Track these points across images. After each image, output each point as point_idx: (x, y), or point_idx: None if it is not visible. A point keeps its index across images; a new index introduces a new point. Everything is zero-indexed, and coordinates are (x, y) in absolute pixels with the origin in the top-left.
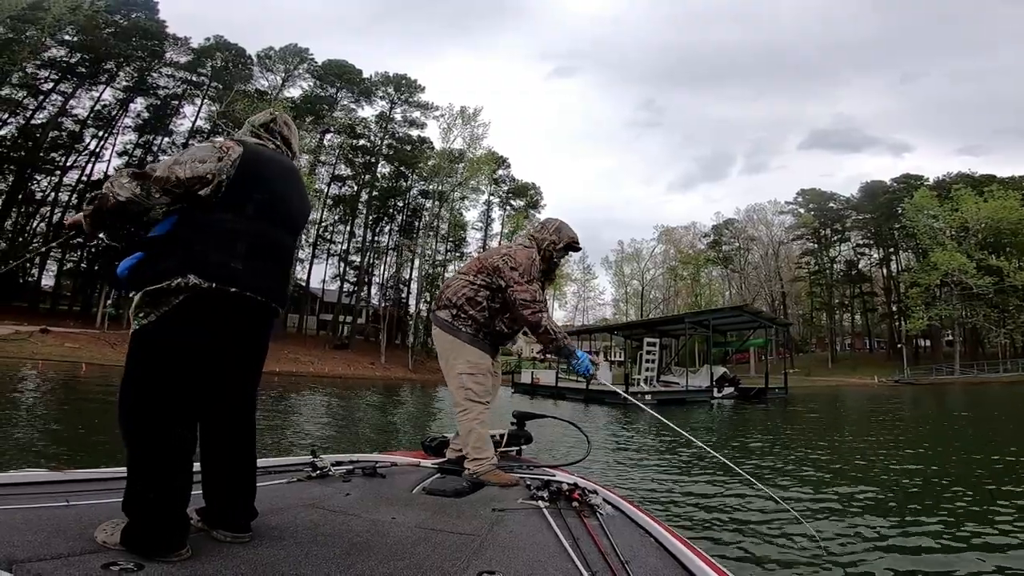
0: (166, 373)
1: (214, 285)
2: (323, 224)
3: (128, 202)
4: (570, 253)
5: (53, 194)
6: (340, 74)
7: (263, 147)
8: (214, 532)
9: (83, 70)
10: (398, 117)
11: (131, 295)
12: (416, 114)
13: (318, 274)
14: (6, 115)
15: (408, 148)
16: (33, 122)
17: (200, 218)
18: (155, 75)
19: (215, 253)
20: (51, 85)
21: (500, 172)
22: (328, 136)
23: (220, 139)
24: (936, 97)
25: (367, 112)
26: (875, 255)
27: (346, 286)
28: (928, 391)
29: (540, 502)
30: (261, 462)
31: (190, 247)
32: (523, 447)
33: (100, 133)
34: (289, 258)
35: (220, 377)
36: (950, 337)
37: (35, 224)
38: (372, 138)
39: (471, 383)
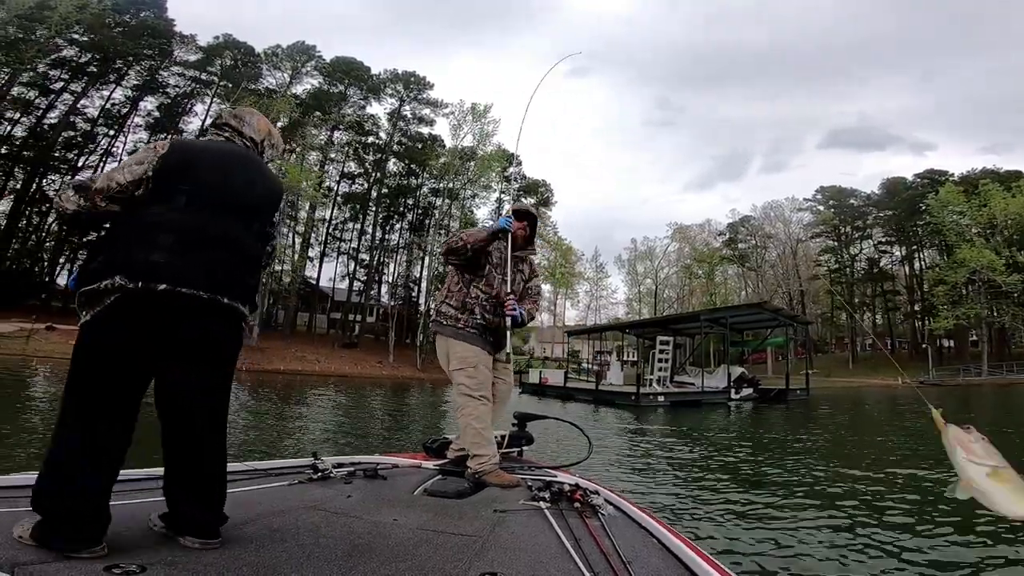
0: (93, 374)
1: (139, 284)
2: (333, 222)
3: (76, 214)
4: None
5: None
6: (348, 71)
7: (200, 140)
8: (182, 539)
9: (93, 69)
10: (408, 114)
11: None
12: (426, 111)
13: (328, 272)
14: (18, 115)
15: (419, 146)
16: (46, 121)
17: (127, 217)
18: (165, 74)
19: (138, 250)
20: (61, 84)
21: (511, 170)
22: (337, 133)
23: (157, 141)
24: (959, 95)
25: (376, 109)
26: (897, 253)
27: (356, 284)
28: (957, 392)
29: (542, 503)
30: (262, 464)
31: (114, 246)
32: (524, 448)
33: (111, 132)
34: (242, 247)
35: (166, 379)
36: (974, 337)
37: (50, 222)
38: (382, 135)
39: (462, 378)
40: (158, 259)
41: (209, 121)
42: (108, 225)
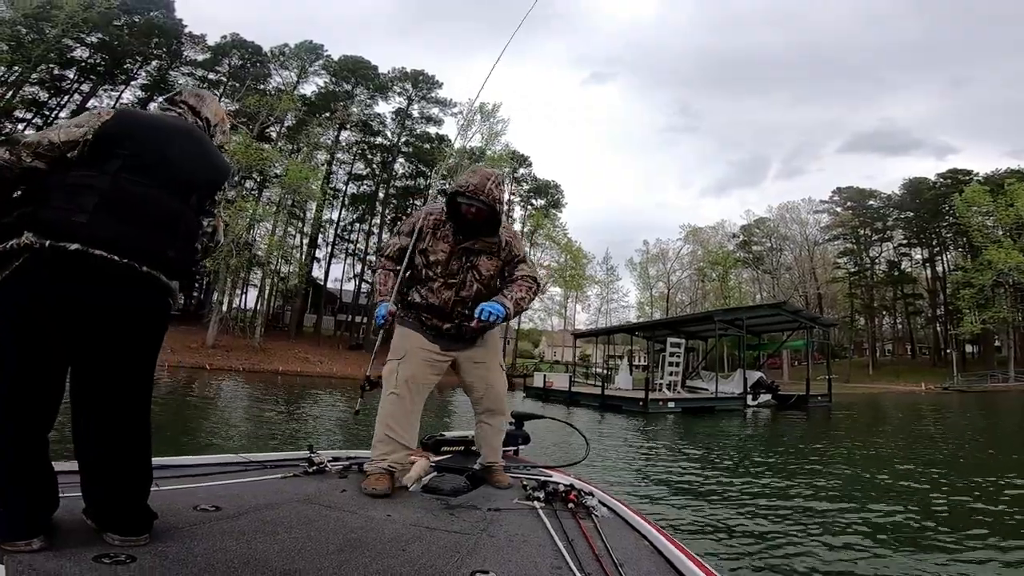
0: (5, 344)
1: (48, 243)
2: (341, 223)
3: None
4: (471, 202)
5: None
6: (355, 70)
7: (150, 112)
8: (104, 535)
9: (101, 68)
10: (415, 114)
11: None
12: (434, 110)
13: (336, 274)
14: (29, 115)
15: (427, 146)
16: (58, 121)
17: (52, 177)
18: (174, 73)
19: (56, 208)
20: (70, 84)
21: (521, 171)
22: (345, 134)
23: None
24: (985, 100)
25: (384, 109)
26: (918, 255)
27: (364, 286)
28: (984, 399)
29: (536, 502)
30: (257, 456)
31: (30, 203)
32: (521, 447)
33: None
34: (176, 220)
35: (78, 352)
36: (998, 342)
37: None
38: (389, 135)
39: (385, 368)
40: (76, 219)
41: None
42: (29, 183)
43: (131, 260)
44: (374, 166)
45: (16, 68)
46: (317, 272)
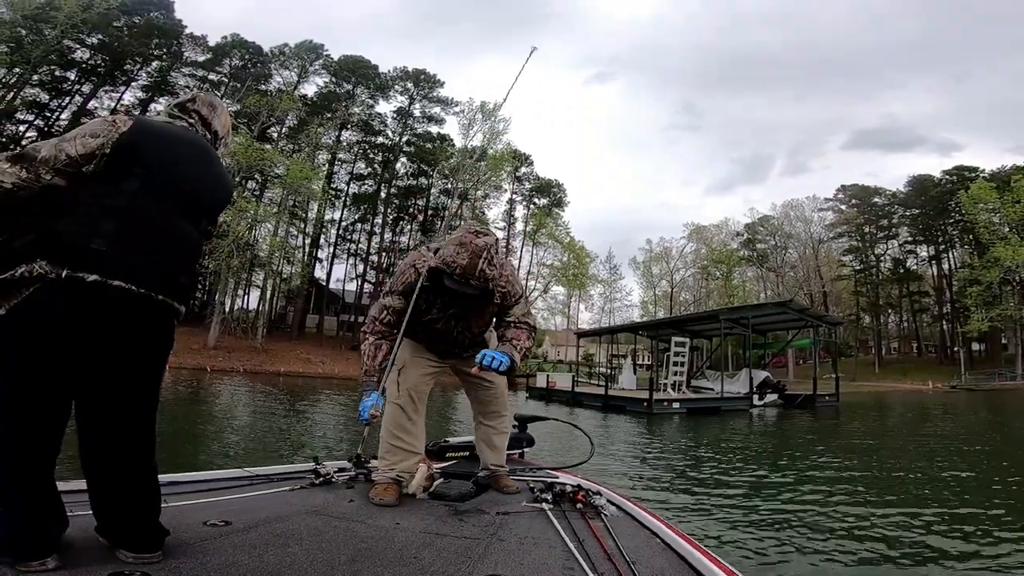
0: (13, 375)
1: (64, 273)
2: (343, 223)
3: (14, 188)
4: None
5: None
6: (355, 70)
7: (164, 123)
8: (117, 552)
9: (101, 70)
10: (417, 113)
11: None
12: (436, 109)
13: (339, 274)
14: (32, 117)
15: (428, 146)
16: (59, 123)
17: (65, 195)
18: (175, 75)
19: (72, 233)
20: (71, 86)
21: (523, 170)
22: (346, 133)
23: (114, 115)
24: (986, 97)
25: (385, 108)
26: (924, 253)
27: (367, 287)
28: (992, 397)
29: (544, 504)
30: (264, 470)
31: (43, 226)
32: (525, 450)
33: None
34: (186, 244)
35: (88, 378)
36: (1004, 340)
37: None
38: (391, 135)
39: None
40: (95, 247)
41: (180, 99)
42: (40, 202)
43: (148, 290)
44: (376, 166)
45: (17, 70)
46: (319, 272)
